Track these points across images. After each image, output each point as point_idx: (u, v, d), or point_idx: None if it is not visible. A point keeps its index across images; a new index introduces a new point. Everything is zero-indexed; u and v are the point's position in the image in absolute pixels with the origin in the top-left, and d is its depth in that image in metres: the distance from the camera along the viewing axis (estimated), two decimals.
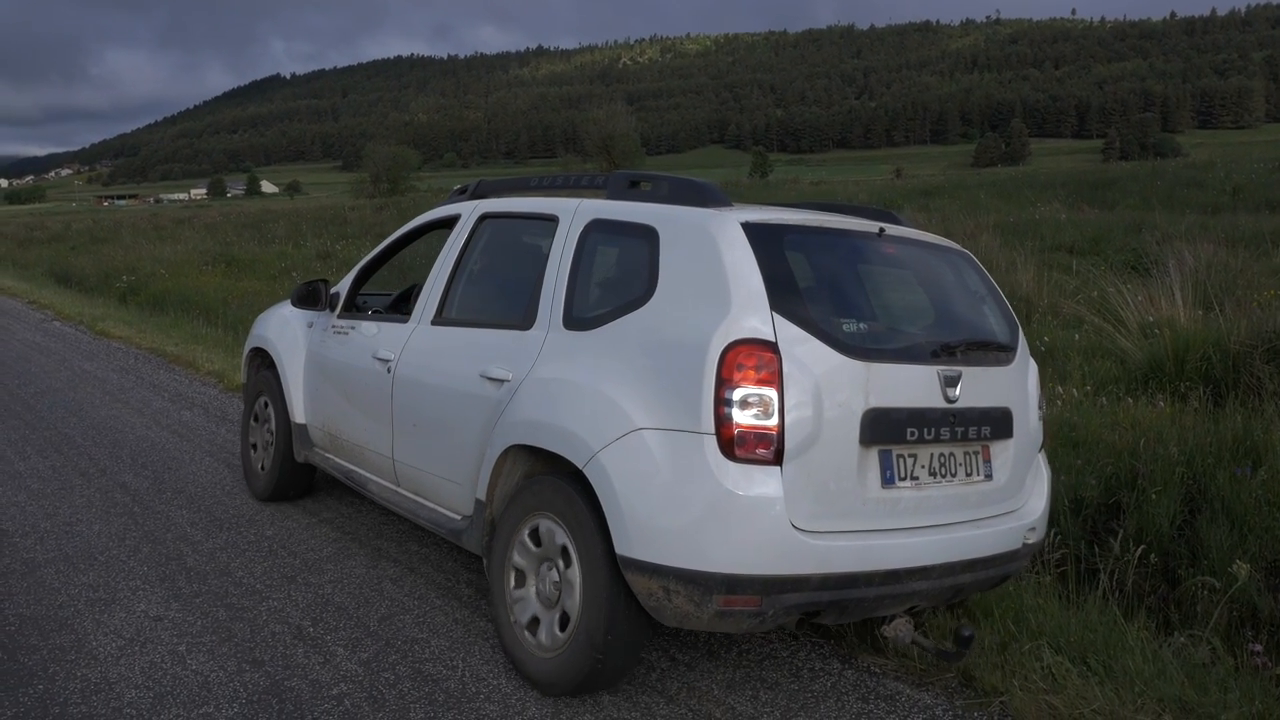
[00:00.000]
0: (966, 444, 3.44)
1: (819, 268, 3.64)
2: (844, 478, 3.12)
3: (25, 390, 8.88)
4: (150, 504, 5.55)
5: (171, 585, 4.36)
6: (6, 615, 4.00)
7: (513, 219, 4.41)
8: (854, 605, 3.22)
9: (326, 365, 5.10)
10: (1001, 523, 3.54)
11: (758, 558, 2.99)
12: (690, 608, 3.03)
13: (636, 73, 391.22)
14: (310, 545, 4.91)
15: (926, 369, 3.32)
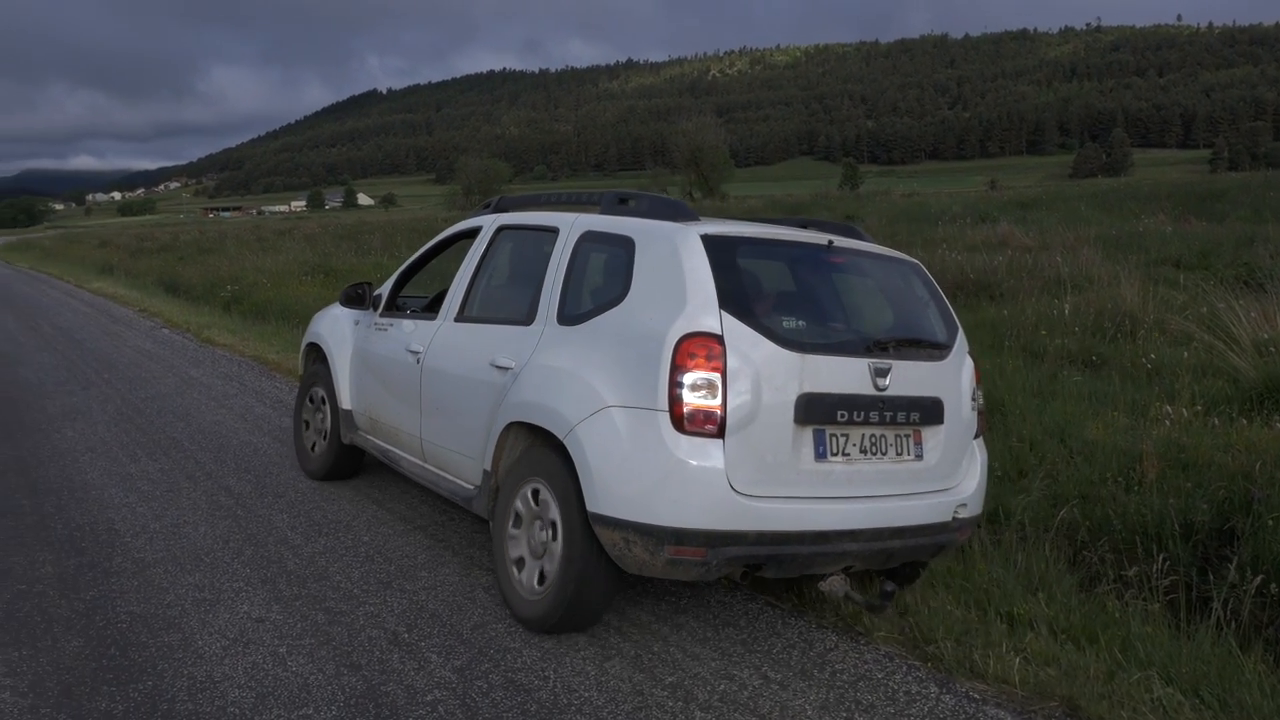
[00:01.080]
0: (897, 427, 3.96)
1: (766, 273, 4.35)
2: (779, 451, 3.70)
3: (136, 395, 9.23)
4: (253, 507, 5.71)
5: (273, 588, 4.47)
6: (119, 613, 4.15)
7: (523, 230, 5.08)
8: (790, 561, 3.76)
9: (369, 358, 5.81)
10: (932, 498, 4.04)
11: (701, 515, 3.58)
12: (646, 556, 3.64)
13: (725, 85, 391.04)
14: (405, 552, 5.00)
15: (858, 361, 3.87)
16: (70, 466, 6.59)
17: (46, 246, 52.45)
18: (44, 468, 6.55)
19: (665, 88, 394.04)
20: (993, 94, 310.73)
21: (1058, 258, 13.36)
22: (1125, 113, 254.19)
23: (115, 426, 7.85)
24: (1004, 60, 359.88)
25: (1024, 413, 6.61)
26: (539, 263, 4.63)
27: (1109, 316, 9.40)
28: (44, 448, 7.11)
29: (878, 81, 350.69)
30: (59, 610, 4.17)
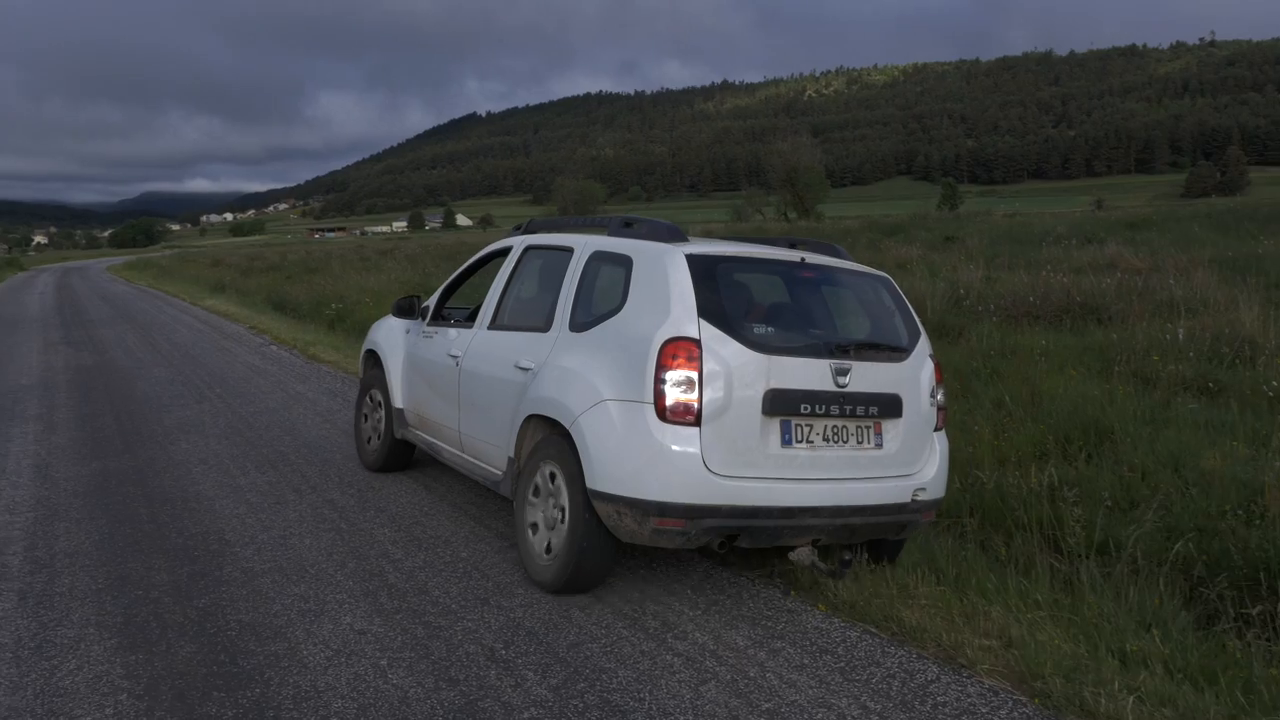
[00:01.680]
0: (857, 419, 4.57)
1: (742, 286, 4.91)
2: (749, 438, 4.32)
3: (246, 409, 9.55)
4: (355, 521, 5.85)
5: (374, 600, 4.56)
6: (229, 621, 4.28)
7: (546, 250, 5.74)
8: (761, 532, 4.38)
9: (417, 362, 6.58)
10: (892, 482, 4.64)
11: (681, 491, 4.21)
12: (635, 526, 4.30)
13: (822, 105, 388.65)
14: (502, 569, 5.05)
15: (820, 361, 4.49)
16: (184, 477, 6.84)
17: (163, 265, 54.82)
18: (160, 478, 6.82)
19: (761, 108, 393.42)
20: (1099, 111, 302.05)
21: (1170, 280, 12.88)
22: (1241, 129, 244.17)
23: (226, 439, 8.14)
24: (1111, 77, 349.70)
25: (1135, 441, 6.38)
26: (557, 278, 5.30)
27: (1227, 342, 9.01)
28: (160, 459, 7.41)
29: (978, 100, 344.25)
30: (173, 616, 4.33)
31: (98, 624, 4.24)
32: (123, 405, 9.78)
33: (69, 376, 11.78)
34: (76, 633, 4.14)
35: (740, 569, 5.09)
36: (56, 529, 5.62)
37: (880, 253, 22.34)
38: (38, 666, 3.81)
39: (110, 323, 19.70)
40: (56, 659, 3.88)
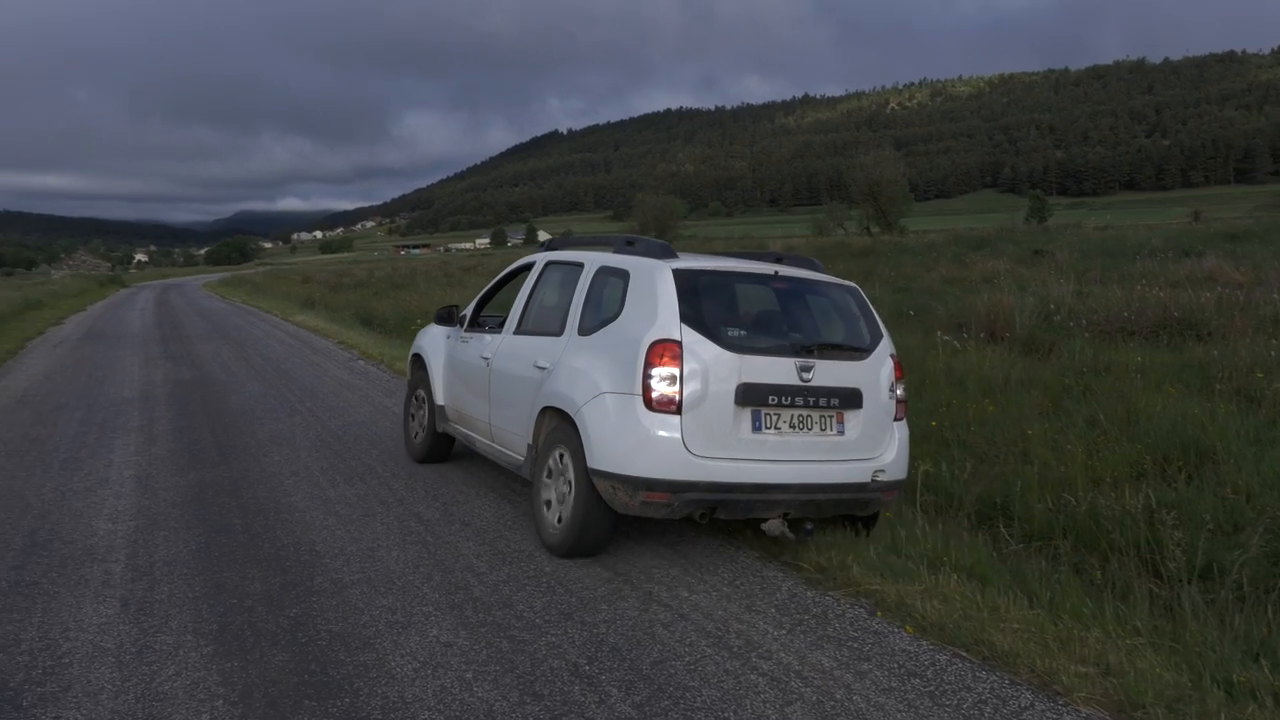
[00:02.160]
0: (820, 410, 5.26)
1: (720, 296, 5.56)
2: (723, 424, 5.06)
3: (335, 423, 9.77)
4: (441, 534, 5.92)
5: (460, 614, 4.61)
6: (319, 631, 4.37)
7: (563, 264, 6.52)
8: (735, 505, 5.12)
9: (455, 364, 7.40)
10: (852, 464, 5.33)
11: (664, 469, 4.96)
12: (627, 499, 5.06)
13: (905, 117, 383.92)
14: (585, 584, 5.06)
15: (786, 360, 5.20)
16: (277, 489, 7.02)
17: (256, 282, 56.51)
18: (253, 489, 7.01)
19: (842, 122, 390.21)
20: (1195, 120, 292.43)
21: (1274, 294, 12.39)
22: None
23: (316, 452, 8.33)
24: (1208, 84, 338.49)
25: (1238, 461, 6.14)
26: (570, 289, 6.12)
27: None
28: (254, 470, 7.61)
29: (1067, 110, 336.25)
30: (266, 625, 4.43)
31: (195, 631, 4.36)
32: (218, 418, 10.08)
33: (168, 390, 12.19)
34: (175, 639, 4.27)
35: (826, 588, 5.02)
36: (156, 538, 5.81)
37: (966, 267, 21.95)
38: (139, 671, 3.93)
39: (206, 338, 20.35)
40: (156, 664, 4.00)
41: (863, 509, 5.58)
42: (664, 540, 5.87)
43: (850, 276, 18.52)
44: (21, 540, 5.72)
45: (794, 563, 5.35)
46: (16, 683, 3.82)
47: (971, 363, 10.06)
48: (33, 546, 5.60)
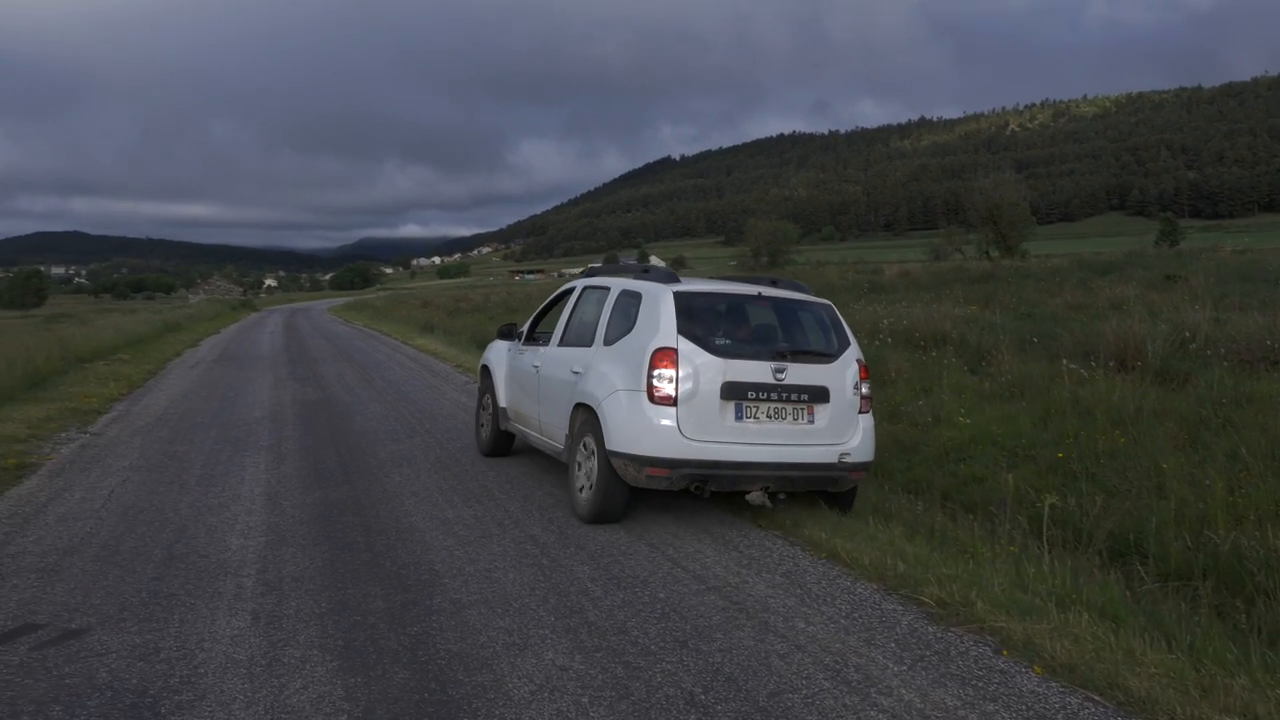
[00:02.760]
0: (793, 404, 6.50)
1: (710, 313, 6.86)
2: (711, 414, 6.33)
3: (453, 445, 9.98)
4: (556, 557, 5.97)
5: (575, 637, 4.63)
6: (438, 649, 4.45)
7: (595, 289, 7.88)
8: (723, 479, 6.38)
9: (514, 372, 8.83)
10: (821, 448, 6.56)
11: (664, 450, 6.26)
12: (635, 474, 6.37)
13: (1025, 139, 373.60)
14: (700, 612, 5.03)
15: (763, 363, 6.46)
16: (398, 509, 7.19)
17: (378, 306, 58.31)
18: (376, 509, 7.20)
19: (959, 144, 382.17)
20: None
21: None
22: None
23: (435, 473, 8.51)
24: None
25: None
26: (599, 308, 7.46)
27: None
28: (376, 490, 7.82)
29: (1200, 129, 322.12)
30: (388, 642, 4.53)
31: (321, 646, 4.49)
32: (342, 438, 10.41)
33: (295, 410, 12.65)
34: (302, 653, 4.40)
35: (948, 623, 4.87)
36: (284, 554, 6.01)
37: (1092, 293, 21.18)
38: (269, 684, 4.06)
39: (331, 360, 21.07)
40: (285, 677, 4.13)
41: (835, 485, 6.81)
42: (780, 570, 5.79)
43: (969, 302, 18.03)
44: (161, 553, 5.99)
45: (914, 596, 5.21)
46: (155, 690, 3.99)
47: (1100, 392, 9.68)
48: (170, 559, 5.86)
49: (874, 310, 19.03)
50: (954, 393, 11.33)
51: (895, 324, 16.07)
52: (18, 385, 14.07)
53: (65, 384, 15.27)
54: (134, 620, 4.81)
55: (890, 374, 12.90)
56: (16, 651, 4.40)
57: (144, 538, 6.34)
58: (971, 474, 8.79)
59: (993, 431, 9.58)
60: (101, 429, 11.10)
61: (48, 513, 7.05)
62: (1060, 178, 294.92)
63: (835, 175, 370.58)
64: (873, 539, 6.30)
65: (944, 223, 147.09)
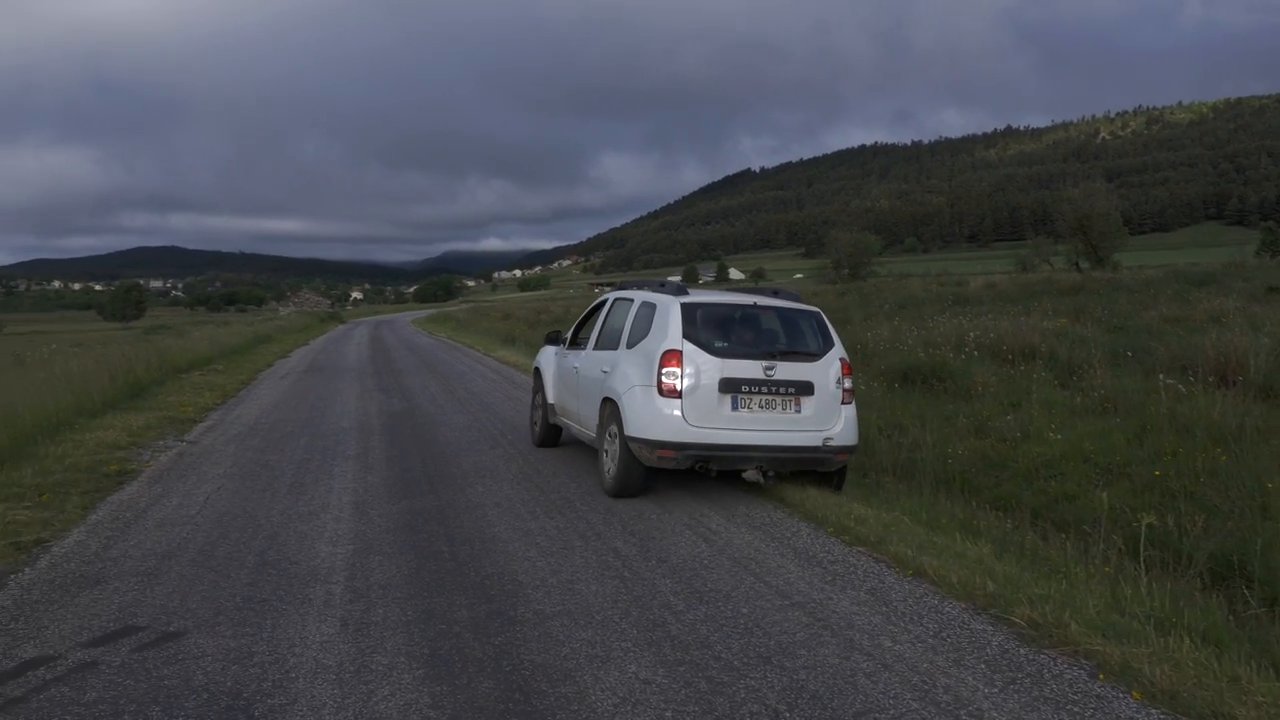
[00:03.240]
0: (783, 396, 7.60)
1: (711, 320, 7.90)
2: (710, 405, 7.44)
3: (535, 456, 10.06)
4: (638, 570, 5.97)
5: (658, 651, 4.61)
6: (522, 660, 4.47)
7: (622, 300, 9.17)
8: (722, 460, 7.52)
9: (559, 372, 10.14)
10: (807, 434, 7.63)
11: (671, 434, 7.38)
12: (648, 454, 7.48)
13: (1117, 147, 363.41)
14: (784, 628, 4.97)
15: (755, 361, 7.57)
16: (481, 519, 7.27)
17: (460, 318, 59.21)
18: (460, 519, 7.29)
19: (1047, 154, 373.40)
20: None
21: None
22: None
23: (517, 484, 8.59)
24: None
25: None
26: (624, 316, 8.76)
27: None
28: (459, 500, 7.92)
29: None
30: (473, 651, 4.57)
31: (408, 654, 4.55)
32: (427, 448, 10.57)
33: (381, 421, 12.90)
34: (389, 660, 4.46)
35: (1040, 645, 4.73)
36: (371, 562, 6.11)
37: (1189, 305, 20.49)
38: (357, 690, 4.13)
39: (416, 372, 21.44)
40: (373, 684, 4.19)
41: (822, 466, 7.90)
42: (864, 586, 5.70)
43: (1058, 315, 17.60)
44: (253, 560, 6.15)
45: (1005, 616, 5.08)
46: (249, 693, 4.09)
47: (1199, 408, 9.35)
48: (263, 565, 6.01)
49: (959, 323, 18.68)
50: (1043, 408, 11.05)
51: (981, 337, 15.75)
52: (119, 394, 14.61)
53: (163, 393, 15.81)
54: (228, 624, 4.94)
55: (976, 388, 12.64)
56: (118, 652, 4.55)
57: (238, 544, 6.52)
58: (1063, 491, 8.56)
59: (1085, 448, 9.31)
60: (197, 437, 11.45)
61: (147, 518, 7.29)
62: (1154, 187, 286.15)
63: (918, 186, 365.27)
64: (960, 556, 6.16)
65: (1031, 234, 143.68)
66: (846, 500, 7.84)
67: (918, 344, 16.21)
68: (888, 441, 10.61)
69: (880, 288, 44.85)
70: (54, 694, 4.08)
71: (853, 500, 7.90)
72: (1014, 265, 65.07)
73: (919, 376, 13.65)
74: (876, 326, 20.58)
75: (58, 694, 4.08)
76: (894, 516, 7.28)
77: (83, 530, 6.92)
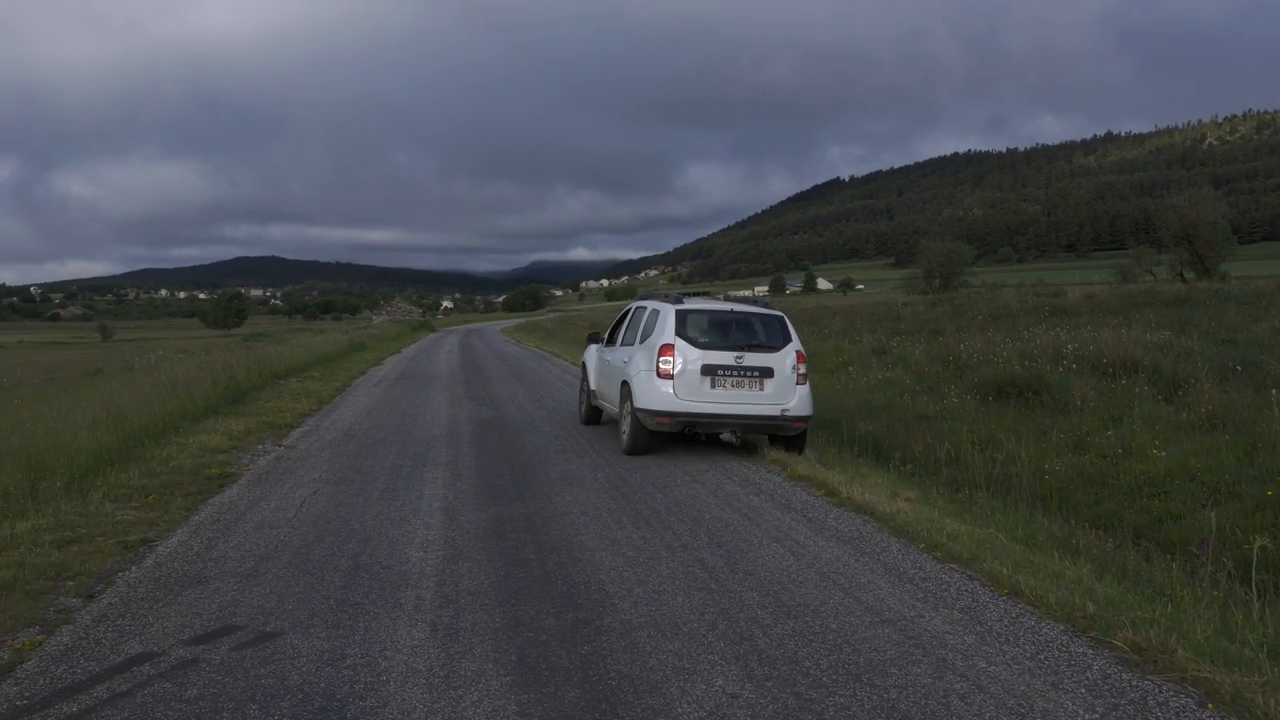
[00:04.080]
0: (749, 378, 10.25)
1: (697, 322, 10.64)
2: (694, 385, 10.22)
3: (621, 465, 10.08)
4: (725, 582, 5.92)
5: (744, 665, 4.56)
6: (609, 670, 4.47)
7: (640, 308, 11.93)
8: (704, 425, 10.44)
9: (598, 364, 12.88)
10: (767, 406, 10.25)
11: (665, 405, 10.23)
12: (649, 421, 10.36)
13: (1225, 153, 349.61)
14: (874, 645, 4.87)
15: (729, 352, 10.31)
16: (568, 527, 7.31)
17: (547, 327, 59.78)
18: (547, 527, 7.33)
19: (1150, 160, 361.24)
20: None
21: None
22: None
23: (604, 493, 8.61)
24: None
25: None
26: (640, 320, 11.43)
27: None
28: (547, 508, 7.97)
29: None
30: (560, 660, 4.59)
31: (495, 660, 4.58)
32: (515, 456, 10.68)
33: (471, 428, 13.08)
34: (478, 666, 4.51)
35: (1144, 670, 4.55)
36: (460, 568, 6.19)
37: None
38: (446, 695, 4.18)
39: (504, 380, 21.71)
40: (461, 689, 4.24)
41: (781, 431, 10.49)
42: (958, 605, 5.56)
43: (1162, 327, 16.97)
44: (347, 563, 6.28)
45: (1106, 639, 4.90)
46: (342, 695, 4.17)
47: None
48: (356, 569, 6.13)
49: (1056, 335, 18.17)
50: (1146, 423, 10.68)
51: (1080, 349, 15.29)
52: (221, 399, 15.11)
53: (262, 399, 16.30)
54: (322, 626, 5.05)
55: (1074, 402, 12.27)
56: (218, 651, 4.69)
57: (332, 547, 6.67)
58: (1167, 510, 8.25)
59: (1191, 466, 8.96)
60: (294, 442, 11.77)
61: (246, 520, 7.51)
62: (1265, 194, 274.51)
63: (1013, 194, 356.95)
64: (1058, 576, 5.97)
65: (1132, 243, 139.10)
66: (938, 515, 7.67)
67: (1012, 356, 15.81)
68: (981, 456, 10.36)
69: (973, 298, 43.88)
70: (157, 689, 4.21)
71: (945, 515, 7.73)
72: (1114, 275, 63.15)
73: (1014, 389, 13.31)
74: (969, 338, 20.14)
75: (161, 690, 4.21)
76: (988, 533, 7.09)
77: (186, 531, 7.16)
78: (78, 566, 6.11)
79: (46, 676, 4.40)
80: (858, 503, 8.09)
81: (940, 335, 23.81)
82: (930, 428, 12.15)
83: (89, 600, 5.56)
